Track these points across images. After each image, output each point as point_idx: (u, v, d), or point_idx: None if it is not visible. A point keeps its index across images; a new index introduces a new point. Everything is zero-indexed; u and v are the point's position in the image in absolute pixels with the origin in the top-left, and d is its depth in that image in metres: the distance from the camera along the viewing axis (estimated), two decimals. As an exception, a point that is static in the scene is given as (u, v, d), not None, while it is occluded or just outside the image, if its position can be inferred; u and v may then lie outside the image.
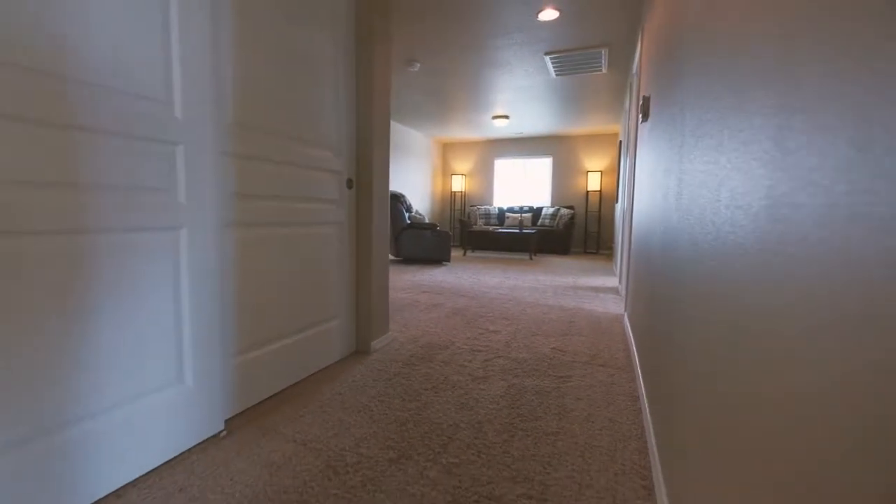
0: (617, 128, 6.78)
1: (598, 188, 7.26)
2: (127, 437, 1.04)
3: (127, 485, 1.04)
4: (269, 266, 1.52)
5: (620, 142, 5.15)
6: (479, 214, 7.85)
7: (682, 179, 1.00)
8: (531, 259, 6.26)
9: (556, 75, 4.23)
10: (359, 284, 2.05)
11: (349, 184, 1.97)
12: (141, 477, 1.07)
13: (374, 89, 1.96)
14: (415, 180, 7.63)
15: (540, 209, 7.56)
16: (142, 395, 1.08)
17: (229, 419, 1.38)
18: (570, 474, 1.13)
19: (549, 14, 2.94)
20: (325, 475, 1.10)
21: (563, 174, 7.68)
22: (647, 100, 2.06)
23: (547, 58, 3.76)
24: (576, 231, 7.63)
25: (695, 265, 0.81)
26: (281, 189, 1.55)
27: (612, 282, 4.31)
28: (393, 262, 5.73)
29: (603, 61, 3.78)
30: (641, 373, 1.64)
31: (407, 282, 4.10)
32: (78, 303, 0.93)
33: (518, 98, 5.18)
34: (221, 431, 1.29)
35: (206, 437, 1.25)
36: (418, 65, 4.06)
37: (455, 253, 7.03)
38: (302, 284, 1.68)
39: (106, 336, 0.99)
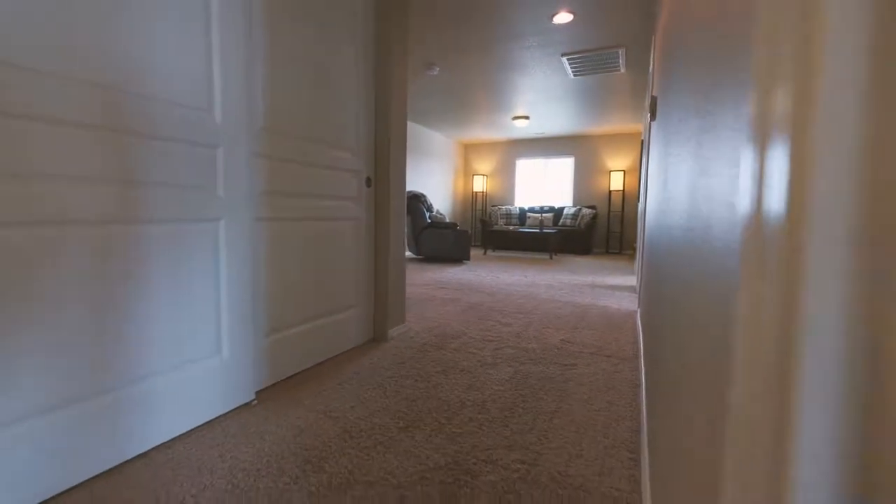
0: (639, 127, 6.72)
1: (621, 188, 7.21)
2: (174, 399, 1.21)
3: (173, 438, 1.21)
4: (294, 257, 1.68)
5: (643, 141, 5.14)
6: (500, 214, 7.92)
7: (667, 178, 1.09)
8: (551, 259, 6.29)
9: (574, 76, 4.29)
10: (376, 276, 2.19)
11: (368, 182, 2.12)
12: (184, 433, 1.24)
13: (391, 95, 2.11)
14: (436, 181, 7.78)
15: (561, 209, 7.57)
16: (187, 364, 1.25)
17: (259, 391, 1.54)
18: (562, 445, 1.22)
19: (563, 17, 3.02)
20: (341, 438, 1.24)
21: (585, 174, 7.66)
22: (654, 99, 2.12)
23: (564, 59, 3.82)
24: (598, 231, 7.59)
25: (670, 258, 0.90)
26: (305, 187, 1.72)
27: (630, 280, 4.31)
28: (413, 260, 5.89)
29: (621, 61, 3.81)
30: (644, 363, 1.71)
31: (426, 279, 4.24)
32: (139, 281, 1.10)
33: (538, 99, 5.25)
34: (253, 400, 1.46)
35: (239, 405, 1.41)
36: (437, 69, 4.20)
37: (475, 252, 7.13)
38: (323, 275, 1.84)
39: (161, 309, 1.16)
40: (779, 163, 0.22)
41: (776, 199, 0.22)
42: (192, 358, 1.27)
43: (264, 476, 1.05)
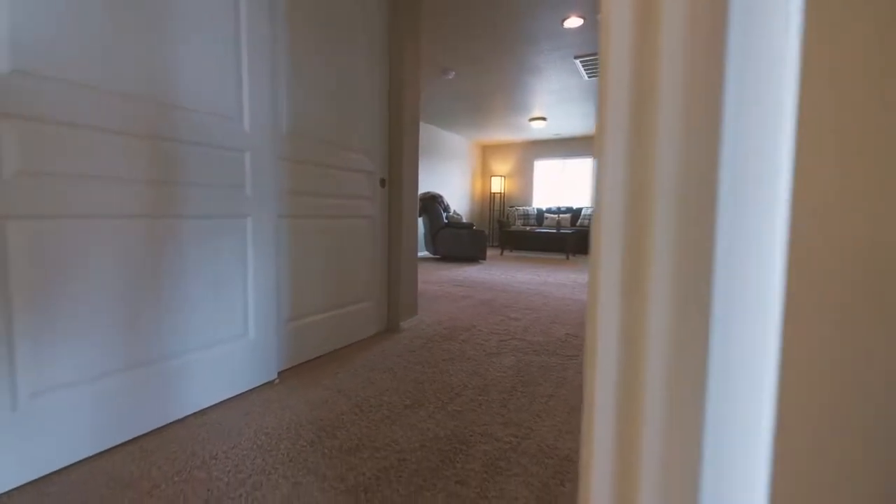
0: (658, 126, 6.67)
1: (640, 188, 7.15)
2: (208, 373, 1.37)
3: (207, 407, 1.38)
4: (313, 251, 1.84)
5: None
6: (518, 215, 7.98)
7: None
8: (567, 259, 6.32)
9: (589, 77, 4.34)
10: (389, 270, 2.33)
11: (382, 183, 2.26)
12: (216, 404, 1.40)
13: (404, 100, 2.25)
14: (454, 182, 7.91)
15: (580, 210, 7.57)
16: (219, 343, 1.41)
17: (281, 371, 1.70)
18: (554, 424, 1.33)
19: (573, 21, 3.10)
20: (353, 412, 1.37)
21: (603, 174, 7.62)
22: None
23: (577, 61, 3.89)
24: (616, 231, 7.53)
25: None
26: (323, 187, 1.87)
27: (644, 280, 4.32)
28: (430, 259, 6.03)
29: (633, 62, 3.85)
30: (641, 352, 1.78)
31: (441, 277, 4.37)
32: (179, 269, 1.27)
33: (553, 100, 5.31)
34: (275, 379, 1.61)
35: (263, 382, 1.57)
36: (453, 73, 4.33)
37: (492, 252, 7.22)
38: (340, 268, 1.99)
39: (197, 294, 1.33)
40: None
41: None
42: (223, 338, 1.43)
43: (284, 440, 1.20)
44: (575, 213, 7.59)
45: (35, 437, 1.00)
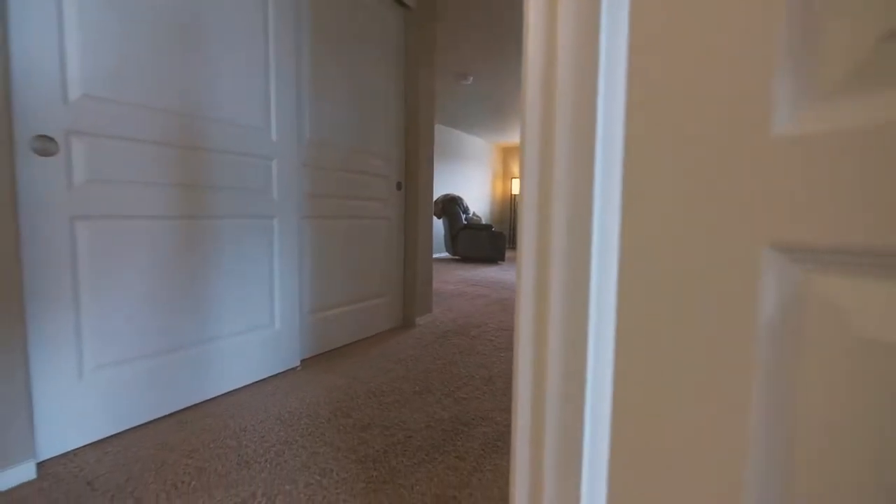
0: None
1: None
2: (238, 358, 1.53)
3: (236, 388, 1.53)
4: (333, 249, 1.99)
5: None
6: (538, 217, 8.00)
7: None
8: (586, 260, 6.30)
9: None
10: (405, 269, 2.46)
11: (398, 186, 2.40)
12: (245, 385, 1.56)
13: (419, 108, 2.38)
14: (474, 184, 8.02)
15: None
16: (248, 331, 1.57)
17: (303, 360, 1.85)
18: (552, 411, 1.41)
19: (587, 26, 3.16)
20: (367, 396, 1.50)
21: (625, 176, 7.56)
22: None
23: (593, 64, 3.93)
24: (638, 233, 7.46)
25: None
26: (343, 190, 2.02)
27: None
28: (450, 260, 6.15)
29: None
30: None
31: (459, 277, 4.48)
32: (214, 264, 1.44)
33: (571, 103, 5.34)
34: (297, 366, 1.76)
35: (286, 369, 1.72)
36: (471, 78, 4.45)
37: (511, 254, 7.28)
38: (358, 266, 2.13)
39: (230, 286, 1.49)
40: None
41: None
42: (252, 327, 1.59)
43: (304, 417, 1.34)
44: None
45: (96, 404, 1.17)
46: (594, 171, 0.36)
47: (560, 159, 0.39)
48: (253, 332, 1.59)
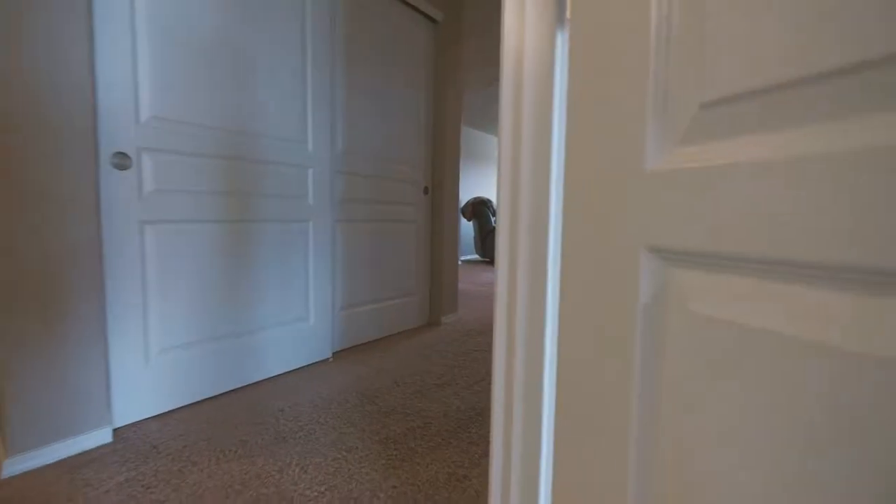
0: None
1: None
2: (277, 347, 1.70)
3: (275, 375, 1.70)
4: (363, 251, 2.13)
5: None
6: (569, 219, 7.93)
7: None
8: (619, 263, 6.21)
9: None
10: (432, 270, 2.58)
11: (425, 191, 2.52)
12: (282, 373, 1.73)
13: (446, 117, 2.49)
14: (505, 187, 8.04)
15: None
16: (286, 324, 1.74)
17: (334, 352, 2.00)
18: (564, 406, 1.48)
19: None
20: (392, 385, 1.63)
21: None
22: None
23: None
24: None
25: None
26: (373, 195, 2.16)
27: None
28: (479, 262, 6.23)
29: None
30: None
31: (486, 279, 4.56)
32: (257, 262, 1.61)
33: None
34: (329, 358, 1.92)
35: (319, 360, 1.88)
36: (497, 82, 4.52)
37: (542, 256, 7.25)
38: (387, 266, 2.27)
39: (271, 283, 1.66)
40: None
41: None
42: (290, 321, 1.75)
43: (334, 402, 1.48)
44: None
45: (159, 383, 1.36)
46: (550, 196, 0.46)
47: (524, 194, 0.49)
48: (290, 325, 1.76)
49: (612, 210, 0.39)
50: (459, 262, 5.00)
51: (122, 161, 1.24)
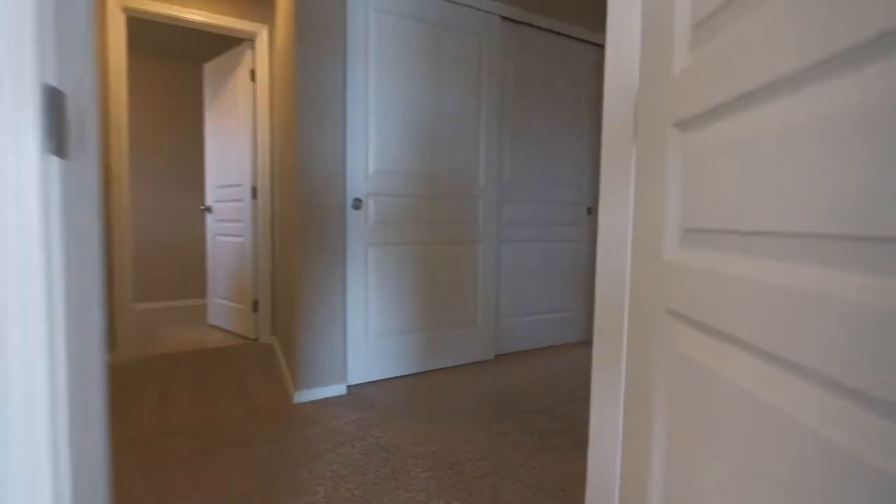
0: None
1: None
2: (451, 344, 2.11)
3: (450, 366, 2.11)
4: (524, 268, 2.39)
5: None
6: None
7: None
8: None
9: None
10: (592, 289, 2.66)
11: (588, 211, 2.63)
12: (455, 366, 2.13)
13: (609, 139, 2.56)
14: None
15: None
16: (459, 326, 2.14)
17: (496, 355, 2.32)
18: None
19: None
20: (543, 390, 1.84)
21: None
22: None
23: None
24: None
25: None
26: (534, 217, 2.41)
27: None
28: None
29: None
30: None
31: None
32: (441, 275, 2.05)
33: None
34: (491, 359, 2.24)
35: (483, 359, 2.22)
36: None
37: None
38: (548, 281, 2.48)
39: (449, 291, 2.08)
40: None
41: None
42: (462, 324, 2.14)
43: (493, 395, 1.78)
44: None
45: (373, 359, 1.90)
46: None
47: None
48: (462, 327, 2.15)
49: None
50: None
51: (357, 204, 1.83)
